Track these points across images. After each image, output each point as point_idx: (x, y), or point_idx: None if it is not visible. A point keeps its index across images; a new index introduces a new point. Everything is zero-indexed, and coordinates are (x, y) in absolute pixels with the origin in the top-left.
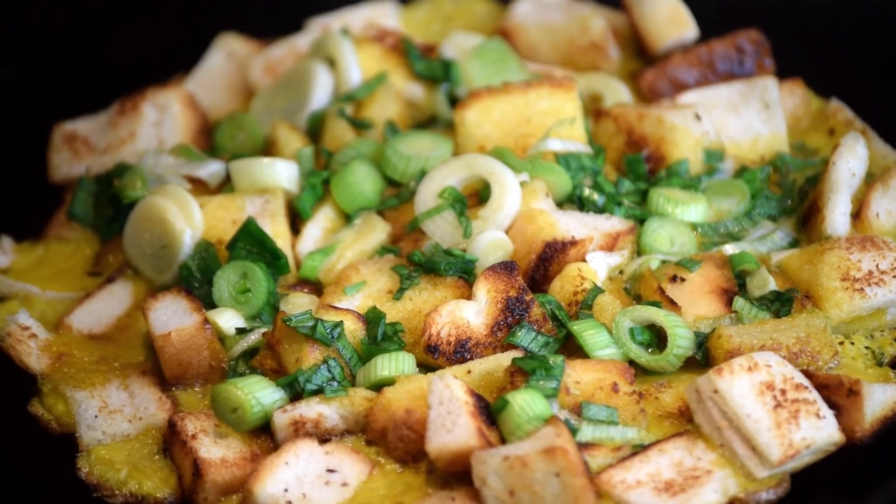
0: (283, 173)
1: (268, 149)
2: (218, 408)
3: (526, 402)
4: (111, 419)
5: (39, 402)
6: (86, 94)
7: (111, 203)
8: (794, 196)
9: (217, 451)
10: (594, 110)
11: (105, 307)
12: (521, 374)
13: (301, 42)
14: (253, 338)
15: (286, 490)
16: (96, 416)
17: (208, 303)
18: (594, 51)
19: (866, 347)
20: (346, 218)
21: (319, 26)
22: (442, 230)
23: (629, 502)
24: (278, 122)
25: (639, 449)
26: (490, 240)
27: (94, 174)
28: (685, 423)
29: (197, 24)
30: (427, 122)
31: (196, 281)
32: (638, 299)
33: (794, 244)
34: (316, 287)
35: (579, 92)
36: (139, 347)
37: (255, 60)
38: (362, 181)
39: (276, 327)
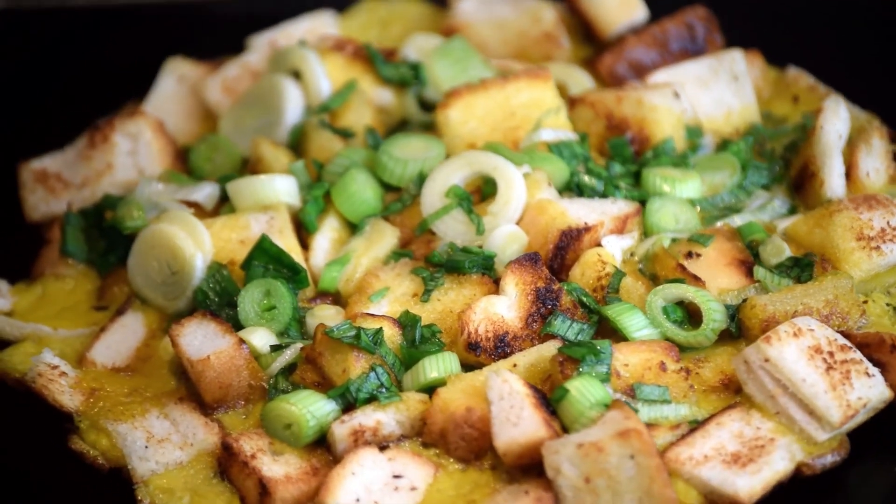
0: (283, 188)
1: (252, 167)
2: (270, 425)
3: (585, 389)
4: (161, 448)
5: (80, 439)
6: (39, 130)
7: (103, 236)
8: (779, 164)
9: (279, 469)
10: (569, 99)
11: (121, 339)
12: (570, 362)
13: (253, 60)
14: (289, 354)
15: (358, 500)
16: (146, 447)
17: (232, 324)
18: (547, 41)
19: (887, 304)
20: (350, 227)
21: (265, 43)
22: (453, 229)
23: (701, 478)
24: (259, 139)
25: (695, 425)
26: (506, 234)
27: (77, 209)
28: (731, 395)
29: (138, 51)
30: (398, 127)
31: (213, 304)
32: (654, 279)
33: (792, 211)
34: (335, 298)
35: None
36: (167, 375)
37: (210, 82)
38: (363, 189)
39: (317, 340)
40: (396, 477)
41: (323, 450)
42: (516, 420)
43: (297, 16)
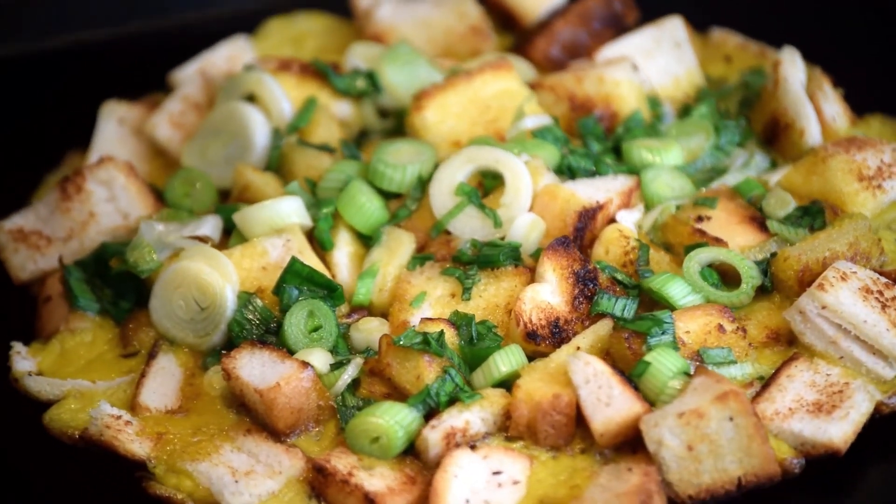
0: (293, 210)
1: (238, 195)
2: (356, 442)
3: (665, 360)
4: (251, 480)
5: (160, 484)
6: None
7: (108, 284)
8: (742, 121)
9: (378, 482)
10: (528, 85)
11: (163, 383)
12: (636, 336)
13: (191, 92)
14: (352, 370)
15: (467, 501)
16: (236, 482)
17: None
18: (474, 35)
19: (895, 240)
20: (360, 239)
21: (194, 75)
22: (470, 226)
23: (791, 431)
24: (241, 166)
25: (763, 382)
26: (528, 222)
27: (71, 262)
28: (784, 347)
29: (62, 98)
30: (360, 138)
31: (250, 334)
32: (667, 248)
33: (773, 164)
34: (368, 311)
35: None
36: (222, 409)
37: (156, 120)
38: (370, 200)
39: (384, 351)
40: (496, 473)
41: (410, 458)
42: (608, 400)
43: (213, 45)
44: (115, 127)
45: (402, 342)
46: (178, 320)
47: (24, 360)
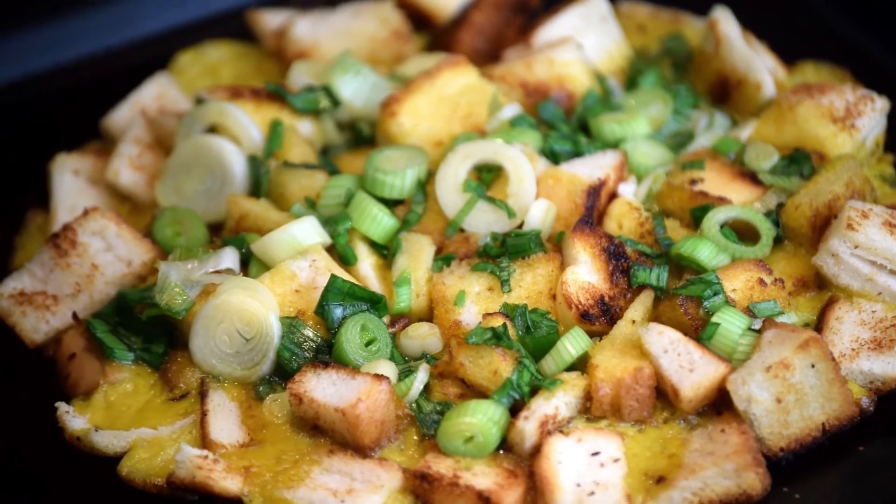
0: (312, 230)
1: (237, 225)
2: (450, 444)
3: (732, 319)
4: (355, 498)
5: None
6: None
7: (135, 331)
8: (686, 84)
9: (484, 480)
10: None
11: (225, 418)
12: (691, 301)
13: (141, 134)
14: (423, 375)
15: (578, 485)
16: (342, 502)
17: None
18: (397, 39)
19: (874, 175)
20: (377, 248)
21: (134, 117)
22: (485, 220)
23: (861, 370)
24: (233, 196)
25: (813, 328)
26: (543, 208)
27: (87, 316)
28: (815, 292)
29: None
30: (324, 154)
31: (301, 358)
32: (666, 214)
33: (734, 122)
34: (409, 319)
35: None
36: (294, 435)
37: (116, 167)
38: (380, 209)
39: (455, 352)
40: (595, 454)
41: (503, 453)
42: (690, 365)
43: (138, 86)
44: (71, 179)
45: (473, 340)
46: (224, 355)
47: (75, 419)
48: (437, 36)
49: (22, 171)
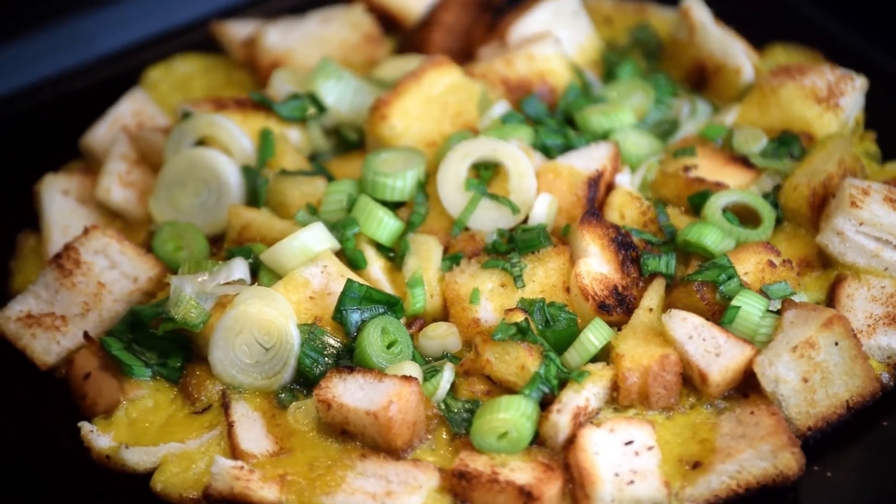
0: (321, 237)
1: (240, 236)
2: (483, 441)
3: (751, 301)
4: (396, 501)
5: None
6: None
7: (149, 347)
8: (662, 73)
9: (523, 475)
10: None
11: (250, 428)
12: (707, 286)
13: (125, 151)
14: (449, 374)
15: (617, 475)
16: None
17: None
18: (369, 44)
19: (860, 153)
20: (382, 251)
21: (115, 134)
22: (490, 218)
23: (879, 346)
24: (233, 207)
25: (826, 306)
26: (546, 202)
27: (98, 334)
28: (820, 271)
29: None
30: (311, 160)
31: (322, 365)
32: (663, 203)
33: (715, 108)
34: (424, 321)
35: None
36: (322, 441)
37: (106, 185)
38: (385, 212)
39: (481, 349)
40: (628, 443)
41: (535, 447)
42: (717, 350)
43: (115, 103)
44: (61, 199)
45: (499, 336)
46: (245, 366)
47: (100, 437)
48: (406, 38)
49: (2, 194)
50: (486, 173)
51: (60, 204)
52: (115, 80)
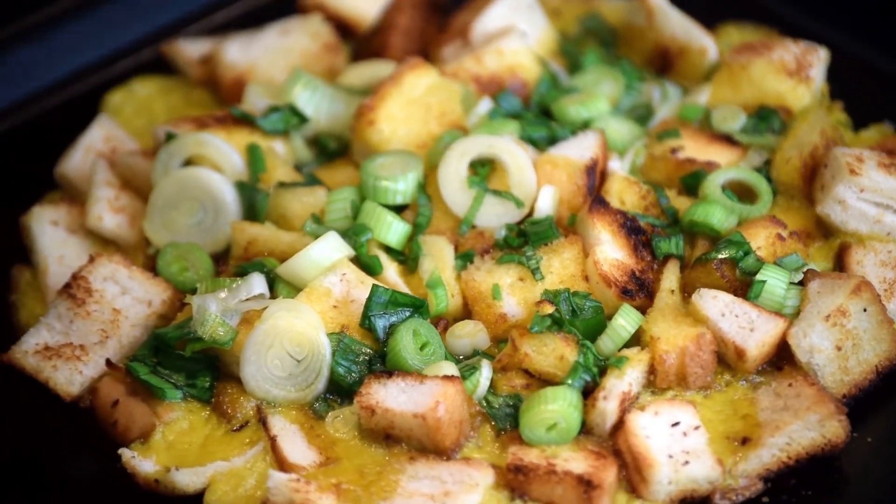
0: (336, 246)
1: (245, 252)
2: (532, 434)
3: (775, 274)
4: (455, 501)
5: None
6: None
7: (176, 369)
8: (625, 60)
9: (578, 465)
10: None
11: (292, 441)
12: (726, 263)
13: (107, 178)
14: (487, 370)
15: (671, 456)
16: None
17: None
18: (328, 52)
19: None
20: (394, 255)
21: (91, 161)
22: (496, 213)
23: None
24: (236, 223)
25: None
26: (549, 195)
27: (122, 361)
28: (822, 241)
29: None
30: (297, 172)
31: (355, 373)
32: (656, 186)
33: (684, 90)
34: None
35: None
36: (366, 447)
37: (97, 212)
38: (394, 216)
39: (518, 343)
40: (675, 425)
41: (582, 436)
42: (751, 325)
43: (84, 131)
44: (52, 230)
45: (536, 329)
46: (278, 380)
47: (143, 462)
48: (361, 43)
49: None
50: (482, 170)
51: (52, 235)
52: (72, 104)
